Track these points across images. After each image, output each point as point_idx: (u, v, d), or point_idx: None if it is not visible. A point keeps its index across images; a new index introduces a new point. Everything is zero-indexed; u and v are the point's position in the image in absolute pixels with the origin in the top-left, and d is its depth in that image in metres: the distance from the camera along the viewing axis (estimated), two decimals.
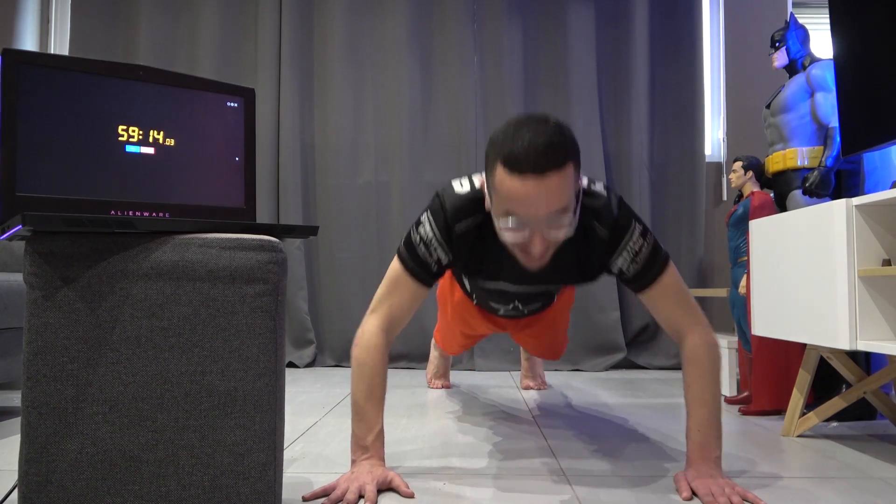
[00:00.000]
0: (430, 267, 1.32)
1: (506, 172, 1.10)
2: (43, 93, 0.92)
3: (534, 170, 1.07)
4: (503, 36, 3.23)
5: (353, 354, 1.33)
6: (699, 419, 1.27)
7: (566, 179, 1.10)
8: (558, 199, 1.11)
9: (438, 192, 1.33)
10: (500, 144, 1.11)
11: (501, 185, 1.11)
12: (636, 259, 1.29)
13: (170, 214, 1.02)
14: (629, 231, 1.28)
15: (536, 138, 1.08)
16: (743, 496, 1.16)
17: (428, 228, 1.30)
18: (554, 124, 1.11)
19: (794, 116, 2.30)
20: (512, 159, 1.08)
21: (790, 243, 1.69)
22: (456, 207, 1.28)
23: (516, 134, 1.09)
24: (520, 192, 1.09)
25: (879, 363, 2.26)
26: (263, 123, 3.21)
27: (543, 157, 1.07)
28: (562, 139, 1.10)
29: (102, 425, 0.91)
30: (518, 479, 1.32)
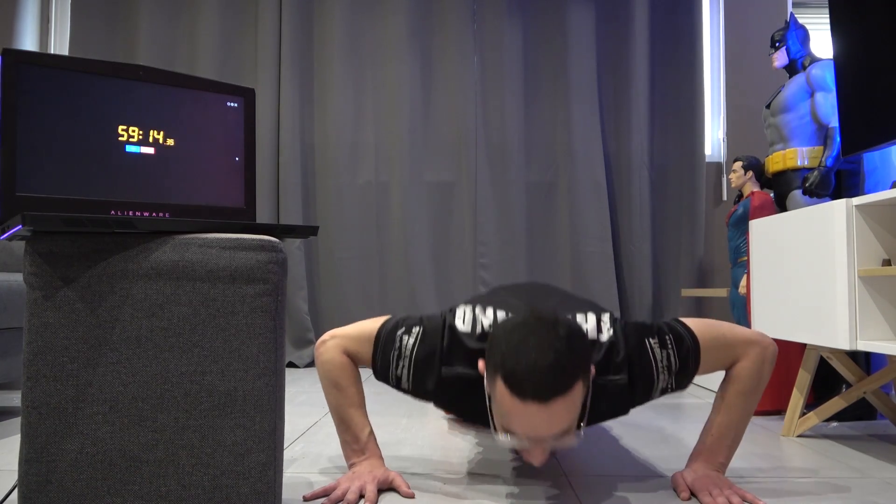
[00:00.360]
0: (388, 376, 1.23)
1: (506, 391, 1.00)
2: (43, 93, 0.92)
3: (536, 397, 0.97)
4: (503, 36, 3.23)
5: (323, 373, 1.28)
6: (717, 424, 1.23)
7: (573, 402, 1.00)
8: (562, 424, 1.01)
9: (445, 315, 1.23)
10: (502, 355, 1.01)
11: (502, 401, 1.02)
12: (672, 371, 1.19)
13: (170, 214, 1.02)
14: (651, 361, 1.18)
15: (542, 359, 0.97)
16: (742, 496, 1.16)
17: (409, 345, 1.21)
18: (564, 336, 1.00)
19: (794, 116, 2.30)
20: (514, 381, 0.98)
21: (790, 243, 1.69)
22: (453, 349, 1.19)
23: (521, 348, 0.99)
24: (521, 415, 1.00)
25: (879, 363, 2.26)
26: (263, 123, 3.21)
27: (548, 385, 0.97)
28: (571, 357, 0.99)
29: (102, 425, 0.91)
30: (518, 478, 1.32)
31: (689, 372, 1.20)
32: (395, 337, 1.22)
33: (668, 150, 3.27)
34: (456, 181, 3.26)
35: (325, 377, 1.28)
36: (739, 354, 1.22)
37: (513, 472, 1.37)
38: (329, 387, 1.27)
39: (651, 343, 1.18)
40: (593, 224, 3.18)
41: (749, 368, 1.22)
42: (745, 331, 1.23)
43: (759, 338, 1.23)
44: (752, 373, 1.21)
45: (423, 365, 1.20)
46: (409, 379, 1.21)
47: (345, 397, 1.26)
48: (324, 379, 1.28)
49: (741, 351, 1.22)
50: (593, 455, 1.51)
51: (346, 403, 1.26)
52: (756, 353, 1.22)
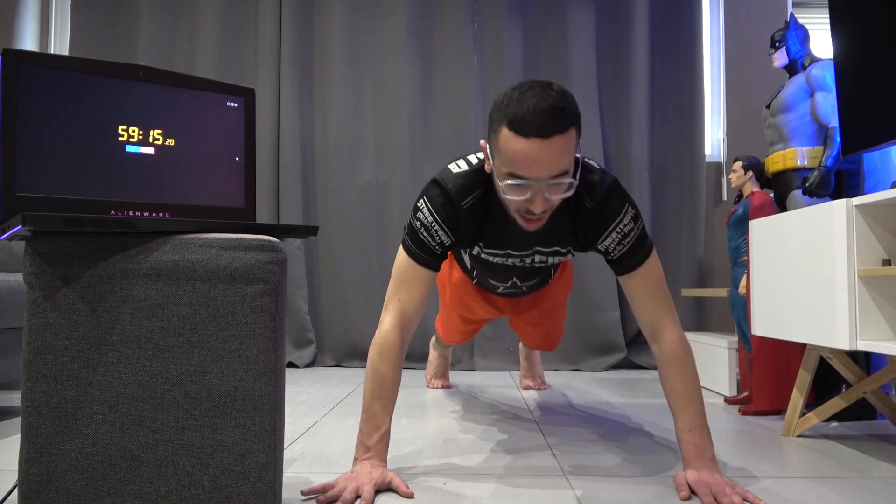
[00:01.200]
0: (434, 250, 1.35)
1: (511, 134, 1.13)
2: (43, 93, 0.92)
3: (538, 133, 1.11)
4: (503, 35, 3.23)
5: (370, 354, 1.33)
6: (688, 420, 1.27)
7: (569, 143, 1.14)
8: (560, 162, 1.15)
9: (436, 177, 1.35)
10: (505, 108, 1.14)
11: (506, 147, 1.15)
12: (623, 241, 1.33)
13: (170, 214, 1.02)
14: (621, 213, 1.32)
15: (541, 103, 1.11)
16: (743, 496, 1.16)
17: (426, 212, 1.33)
18: (558, 90, 1.14)
19: (794, 116, 2.30)
20: (517, 122, 1.12)
21: (790, 243, 1.69)
22: (459, 186, 1.32)
23: (521, 98, 1.12)
24: (525, 153, 1.13)
25: (879, 363, 2.26)
26: (263, 123, 3.21)
27: (548, 121, 1.10)
28: (566, 104, 1.13)
29: (102, 425, 0.91)
30: (518, 478, 1.32)
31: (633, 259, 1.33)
32: (413, 225, 1.35)
33: (668, 150, 3.27)
34: None
35: (371, 360, 1.32)
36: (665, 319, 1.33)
37: (513, 472, 1.37)
38: (369, 370, 1.32)
39: (629, 209, 1.33)
40: None
41: (679, 343, 1.31)
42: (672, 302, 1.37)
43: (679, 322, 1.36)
44: (685, 351, 1.31)
45: (449, 214, 1.32)
46: (448, 234, 1.34)
47: (377, 387, 1.30)
48: (369, 361, 1.33)
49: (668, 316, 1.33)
50: (593, 455, 1.51)
51: (377, 394, 1.30)
52: (678, 330, 1.33)
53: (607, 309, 3.14)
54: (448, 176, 1.34)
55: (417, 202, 1.36)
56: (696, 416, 1.28)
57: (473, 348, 3.13)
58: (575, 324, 3.14)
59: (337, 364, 3.20)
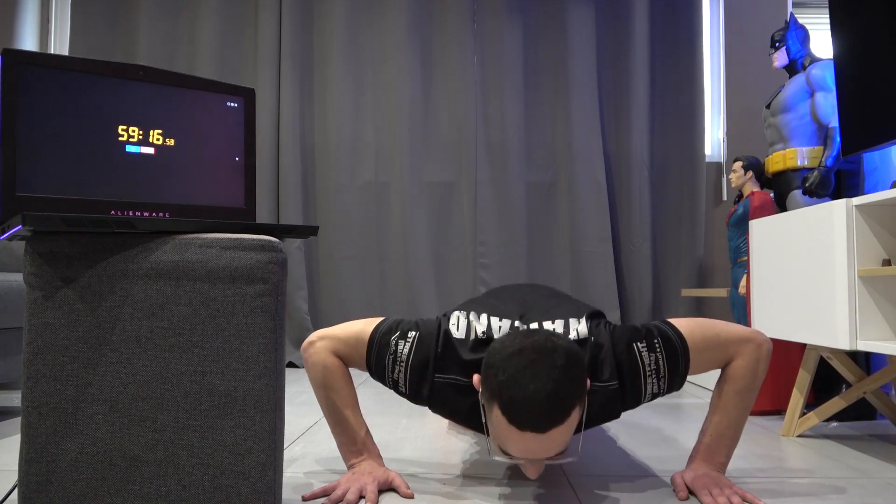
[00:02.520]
0: (385, 379, 1.23)
1: (503, 419, 1.00)
2: (43, 93, 0.92)
3: (534, 428, 0.98)
4: (503, 35, 3.23)
5: (314, 375, 1.26)
6: (715, 424, 1.23)
7: (569, 428, 1.02)
8: (558, 447, 1.03)
9: (440, 319, 1.24)
10: (501, 383, 1.00)
11: (499, 426, 1.03)
12: (661, 375, 1.18)
13: (170, 214, 1.02)
14: (639, 365, 1.17)
15: (540, 391, 0.97)
16: (742, 496, 1.16)
17: (405, 351, 1.21)
18: (562, 365, 1.00)
19: (794, 116, 2.30)
20: (511, 411, 0.99)
21: (790, 243, 1.69)
22: (447, 356, 1.19)
23: (519, 378, 0.99)
24: (517, 442, 1.02)
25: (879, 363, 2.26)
26: (263, 123, 3.21)
27: (546, 416, 0.98)
28: (568, 386, 0.99)
29: (102, 425, 0.91)
30: (518, 478, 1.32)
31: (679, 375, 1.19)
32: (390, 342, 1.22)
33: (668, 149, 3.27)
34: (456, 181, 3.26)
35: (316, 379, 1.26)
36: (733, 353, 1.21)
37: (513, 472, 1.37)
38: (320, 389, 1.26)
39: (639, 347, 1.18)
40: (593, 224, 3.18)
41: (744, 367, 1.21)
42: (739, 328, 1.22)
43: (754, 335, 1.22)
44: (747, 371, 1.21)
45: (419, 372, 1.20)
46: (405, 384, 1.22)
47: (338, 399, 1.25)
48: (314, 381, 1.26)
49: (735, 349, 1.21)
50: (593, 455, 1.51)
51: (341, 405, 1.25)
52: (750, 351, 1.21)
53: (607, 309, 3.14)
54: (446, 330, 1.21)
55: (410, 332, 1.22)
56: (725, 424, 1.22)
57: None
58: None
59: None
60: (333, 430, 1.27)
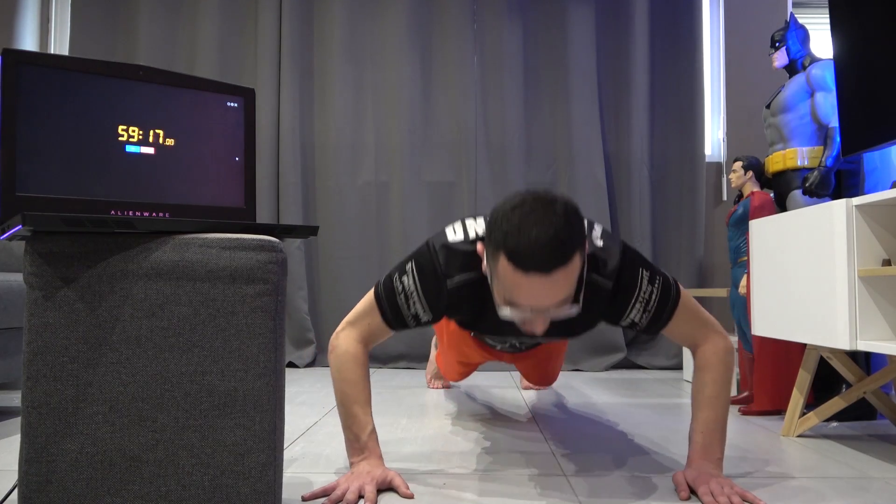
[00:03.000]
0: (405, 319, 1.27)
1: (510, 266, 1.04)
2: (43, 93, 0.92)
3: (539, 268, 1.02)
4: (503, 35, 3.23)
5: (333, 364, 1.29)
6: (704, 421, 1.26)
7: (572, 272, 1.06)
8: (563, 292, 1.07)
9: (430, 240, 1.27)
10: (504, 234, 1.05)
11: (504, 276, 1.07)
12: (648, 308, 1.25)
13: (170, 214, 1.02)
14: (637, 284, 1.23)
15: (542, 234, 1.02)
16: (742, 496, 1.16)
17: (410, 282, 1.25)
18: (561, 212, 1.05)
19: (794, 116, 2.30)
20: (517, 256, 1.03)
21: (790, 243, 1.69)
22: (450, 261, 1.23)
23: (522, 226, 1.03)
24: (524, 287, 1.05)
25: (879, 363, 2.26)
26: (263, 123, 3.21)
27: (550, 256, 1.02)
28: (569, 231, 1.04)
29: (102, 425, 0.91)
30: (518, 478, 1.32)
31: (661, 320, 1.27)
32: (394, 285, 1.26)
33: (668, 150, 3.27)
34: (456, 181, 3.26)
35: (336, 369, 1.29)
36: (705, 336, 1.30)
37: (513, 472, 1.37)
38: (338, 380, 1.29)
39: (643, 272, 1.25)
40: None
41: (717, 354, 1.28)
42: (710, 317, 1.32)
43: (720, 328, 1.32)
44: (720, 359, 1.28)
45: (432, 289, 1.24)
46: (425, 310, 1.26)
47: (352, 392, 1.28)
48: (334, 371, 1.29)
49: (707, 333, 1.30)
50: (593, 455, 1.51)
51: (352, 399, 1.27)
52: (720, 340, 1.30)
53: None
54: (442, 243, 1.25)
55: (406, 264, 1.26)
56: (714, 419, 1.26)
57: None
58: None
59: None
60: (342, 425, 1.29)
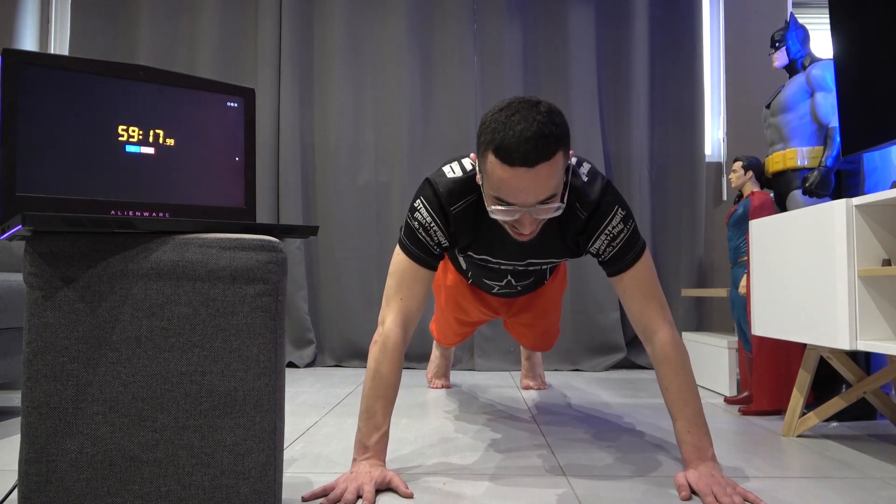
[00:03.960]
0: (432, 250, 1.36)
1: (497, 161, 1.13)
2: (43, 93, 0.92)
3: (524, 162, 1.10)
4: (503, 36, 3.23)
5: (371, 353, 1.34)
6: (687, 420, 1.29)
7: (555, 168, 1.14)
8: (547, 188, 1.15)
9: (429, 178, 1.35)
10: (491, 132, 1.14)
11: (492, 173, 1.15)
12: (613, 243, 1.33)
13: (170, 214, 1.02)
14: (610, 215, 1.32)
15: (527, 129, 1.10)
16: (743, 496, 1.16)
17: (425, 213, 1.34)
18: (545, 111, 1.13)
19: (794, 116, 2.30)
20: (503, 150, 1.11)
21: (790, 243, 1.69)
22: (450, 190, 1.32)
23: (507, 123, 1.12)
24: (510, 181, 1.13)
25: (879, 363, 2.26)
26: (263, 123, 3.21)
27: (534, 149, 1.10)
28: (552, 128, 1.12)
29: (102, 425, 0.91)
30: (518, 478, 1.32)
31: (623, 261, 1.34)
32: (411, 226, 1.35)
33: (668, 149, 3.27)
34: None
35: (372, 359, 1.32)
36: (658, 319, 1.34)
37: (513, 472, 1.37)
38: (370, 369, 1.32)
39: (619, 211, 1.32)
40: None
41: (672, 344, 1.32)
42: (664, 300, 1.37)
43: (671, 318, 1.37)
44: (678, 350, 1.32)
45: (442, 217, 1.33)
46: (445, 236, 1.35)
47: (378, 386, 1.30)
48: (370, 360, 1.32)
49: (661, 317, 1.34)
50: (593, 455, 1.51)
51: (377, 393, 1.30)
52: (670, 329, 1.34)
53: (607, 309, 3.14)
54: (440, 179, 1.34)
55: (414, 202, 1.36)
56: (694, 416, 1.29)
57: (474, 348, 3.13)
58: (575, 324, 3.14)
59: (337, 364, 3.19)
60: (360, 417, 1.31)
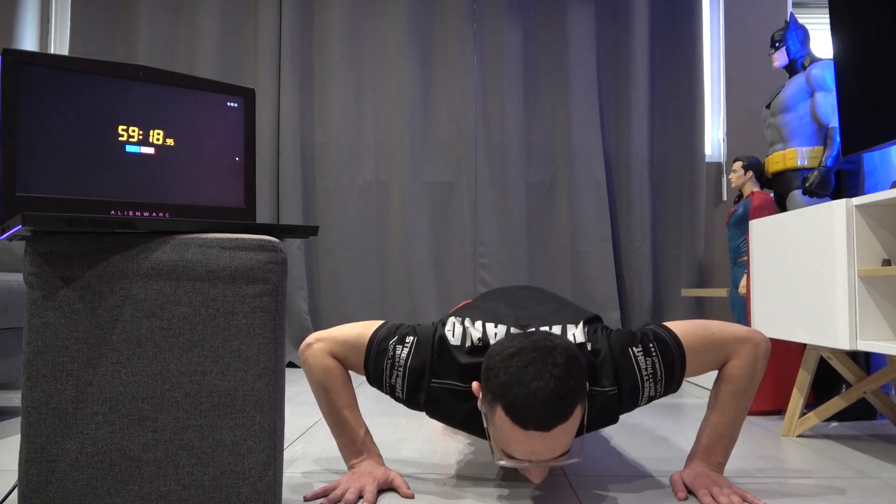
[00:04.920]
0: (382, 384, 1.23)
1: (507, 420, 1.00)
2: (43, 93, 0.92)
3: (538, 426, 0.98)
4: (503, 35, 3.23)
5: (311, 375, 1.26)
6: (713, 424, 1.23)
7: (573, 426, 1.02)
8: (563, 446, 1.03)
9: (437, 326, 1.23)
10: (502, 383, 1.01)
11: (502, 428, 1.03)
12: (658, 378, 1.18)
13: (170, 214, 1.02)
14: (635, 368, 1.17)
15: (542, 389, 0.98)
16: (742, 496, 1.16)
17: (403, 356, 1.20)
18: (562, 364, 1.01)
19: (794, 116, 2.30)
20: (515, 410, 0.99)
21: (790, 243, 1.69)
22: (442, 362, 1.19)
23: (520, 377, 0.99)
24: (522, 443, 1.01)
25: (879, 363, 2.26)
26: (263, 123, 3.21)
27: (550, 414, 0.98)
28: (570, 384, 1.00)
29: (102, 425, 0.91)
30: (518, 478, 1.32)
31: (675, 378, 1.19)
32: (388, 346, 1.21)
33: (668, 150, 3.27)
34: (456, 181, 3.26)
35: (314, 381, 1.26)
36: (731, 353, 1.21)
37: (513, 472, 1.37)
38: (320, 391, 1.26)
39: (635, 352, 1.18)
40: (593, 224, 3.18)
41: (741, 367, 1.20)
42: (736, 328, 1.22)
43: (751, 335, 1.21)
44: (744, 372, 1.20)
45: (416, 377, 1.20)
46: (402, 389, 1.21)
47: (337, 399, 1.25)
48: (313, 382, 1.26)
49: (732, 349, 1.21)
50: (593, 455, 1.51)
51: (340, 406, 1.25)
52: (748, 352, 1.20)
53: (607, 309, 3.14)
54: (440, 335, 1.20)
55: (408, 336, 1.22)
56: (723, 424, 1.22)
57: None
58: None
59: None
60: (333, 431, 1.27)
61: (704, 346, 1.20)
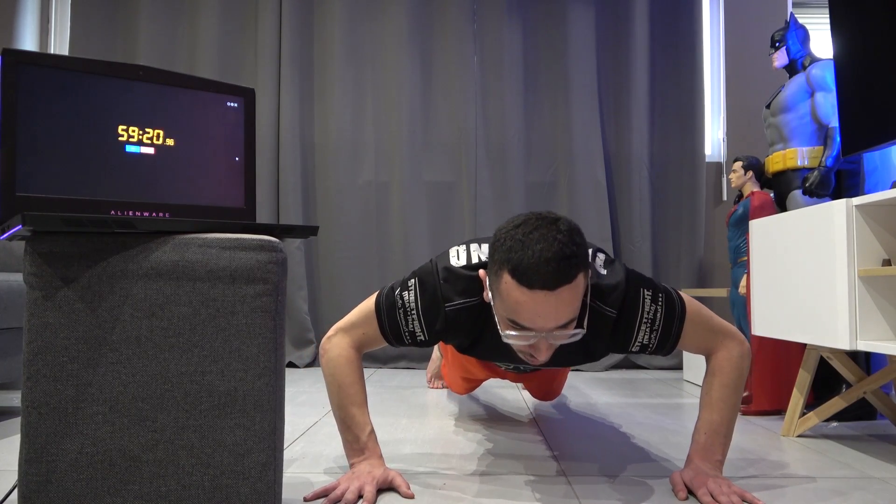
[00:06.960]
0: (401, 335, 1.26)
1: (514, 283, 1.03)
2: (43, 93, 0.91)
3: (544, 285, 1.01)
4: (503, 36, 3.23)
5: (327, 367, 1.29)
6: (709, 422, 1.25)
7: (576, 291, 1.04)
8: (567, 312, 1.05)
9: (434, 260, 1.26)
10: (507, 250, 1.04)
11: (508, 295, 1.05)
12: (654, 327, 1.22)
13: (170, 214, 1.02)
14: (639, 305, 1.21)
15: (547, 250, 1.01)
16: (741, 496, 1.16)
17: (412, 296, 1.24)
18: (565, 229, 1.04)
19: (794, 116, 2.30)
20: (521, 271, 1.01)
21: (790, 243, 1.69)
22: (450, 284, 1.21)
23: (526, 242, 1.03)
24: (529, 305, 1.03)
25: (879, 363, 2.26)
26: (263, 123, 3.21)
27: (555, 273, 1.01)
28: (574, 248, 1.03)
29: (102, 425, 0.91)
30: (518, 479, 1.32)
31: (671, 337, 1.24)
32: (395, 298, 1.25)
33: (668, 150, 3.27)
34: (456, 181, 3.26)
35: (329, 374, 1.29)
36: (718, 344, 1.27)
37: (513, 472, 1.37)
38: (332, 384, 1.28)
39: (644, 293, 1.22)
40: (593, 224, 3.18)
41: (730, 360, 1.26)
42: (723, 322, 1.29)
43: (737, 333, 1.29)
44: (733, 365, 1.26)
45: (430, 310, 1.23)
46: (422, 329, 1.25)
47: (347, 395, 1.27)
48: (328, 376, 1.29)
49: (720, 340, 1.27)
50: (593, 455, 1.51)
51: (349, 402, 1.27)
52: (734, 346, 1.27)
53: None
54: (444, 265, 1.23)
55: (409, 280, 1.25)
56: (719, 422, 1.24)
57: None
58: None
59: None
60: (340, 427, 1.29)
61: (702, 325, 1.26)
